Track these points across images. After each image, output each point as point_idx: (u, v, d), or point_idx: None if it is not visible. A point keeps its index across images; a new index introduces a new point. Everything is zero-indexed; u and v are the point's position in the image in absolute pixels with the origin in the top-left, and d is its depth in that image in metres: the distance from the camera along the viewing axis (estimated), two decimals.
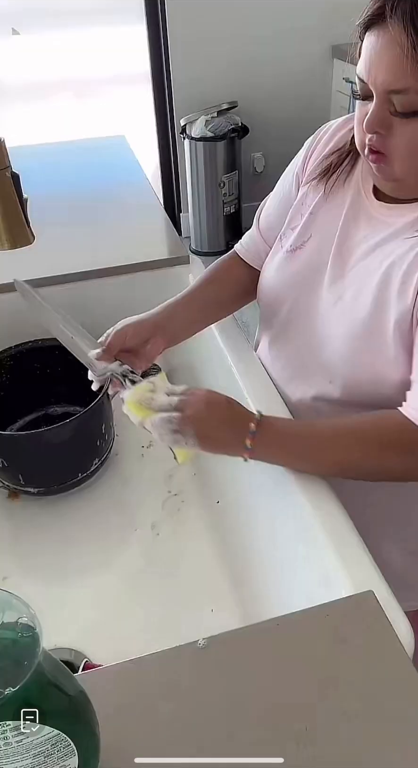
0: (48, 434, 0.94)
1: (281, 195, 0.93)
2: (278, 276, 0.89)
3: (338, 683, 0.56)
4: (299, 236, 0.86)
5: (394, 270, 0.73)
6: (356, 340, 0.77)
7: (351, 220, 0.81)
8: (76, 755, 0.45)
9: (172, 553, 0.94)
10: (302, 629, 0.60)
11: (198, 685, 0.57)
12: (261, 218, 0.97)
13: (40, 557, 0.96)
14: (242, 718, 0.54)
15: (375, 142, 0.70)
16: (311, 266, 0.84)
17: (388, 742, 0.52)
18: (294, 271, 0.86)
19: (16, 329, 1.12)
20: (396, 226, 0.75)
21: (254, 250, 0.97)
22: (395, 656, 0.57)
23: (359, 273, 0.78)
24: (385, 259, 0.75)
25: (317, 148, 0.87)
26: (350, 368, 0.79)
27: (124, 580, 0.92)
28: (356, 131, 0.74)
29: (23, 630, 0.41)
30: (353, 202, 0.81)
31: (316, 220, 0.85)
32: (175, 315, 0.91)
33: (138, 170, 1.65)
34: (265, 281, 0.92)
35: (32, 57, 3.15)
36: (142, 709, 0.55)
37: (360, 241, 0.79)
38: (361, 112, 0.71)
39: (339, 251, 0.81)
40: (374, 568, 0.65)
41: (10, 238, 0.69)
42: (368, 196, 0.80)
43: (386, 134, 0.69)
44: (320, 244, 0.83)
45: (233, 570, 0.90)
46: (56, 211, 1.38)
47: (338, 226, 0.82)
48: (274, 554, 0.83)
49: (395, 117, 0.67)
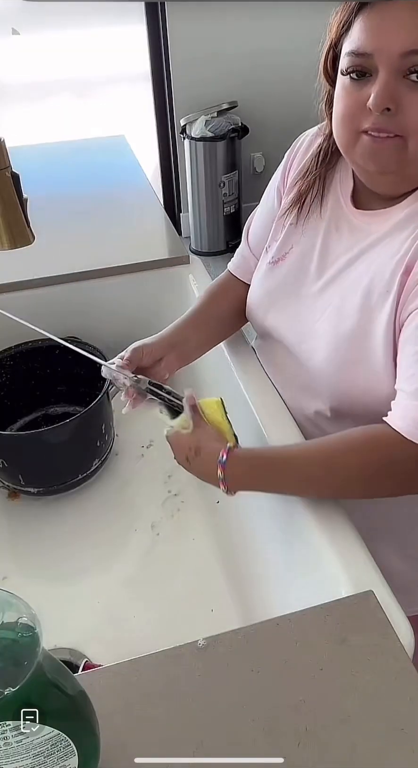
0: (48, 434, 0.94)
1: (266, 210, 0.92)
2: (262, 289, 0.88)
3: (338, 683, 0.56)
4: (280, 248, 0.85)
5: (376, 279, 0.71)
6: (342, 355, 0.75)
7: (333, 230, 0.79)
8: (76, 755, 0.45)
9: (172, 553, 0.94)
10: (302, 629, 0.60)
11: (198, 685, 0.56)
12: (249, 233, 0.96)
13: (40, 557, 0.96)
14: (241, 718, 0.54)
15: (384, 123, 0.65)
16: (292, 278, 0.83)
17: (388, 742, 0.52)
18: (276, 283, 0.85)
19: (16, 329, 1.12)
20: (377, 234, 0.73)
21: (244, 266, 0.96)
22: (395, 656, 0.57)
23: (343, 285, 0.76)
24: (367, 269, 0.73)
25: (295, 160, 0.86)
26: (337, 384, 0.77)
27: (125, 580, 0.92)
28: (344, 123, 0.70)
29: (23, 630, 0.41)
30: (333, 212, 0.80)
31: (296, 231, 0.83)
32: (185, 335, 0.91)
33: (138, 170, 1.65)
34: (250, 294, 0.91)
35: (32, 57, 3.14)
36: (142, 709, 0.55)
37: (343, 252, 0.77)
38: (353, 98, 0.67)
39: (321, 262, 0.79)
40: (374, 568, 0.65)
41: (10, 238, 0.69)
42: (347, 204, 0.78)
43: (395, 111, 0.64)
44: (302, 255, 0.82)
45: (233, 570, 0.90)
46: (56, 211, 1.38)
47: (319, 237, 0.80)
48: (274, 554, 0.83)
49: (408, 87, 0.63)
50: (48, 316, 1.18)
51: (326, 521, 0.70)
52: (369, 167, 0.70)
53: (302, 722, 0.53)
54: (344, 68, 0.68)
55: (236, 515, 0.95)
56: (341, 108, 0.70)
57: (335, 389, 0.78)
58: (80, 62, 3.20)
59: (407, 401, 0.67)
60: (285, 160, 0.88)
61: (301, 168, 0.85)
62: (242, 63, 3.07)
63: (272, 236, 0.88)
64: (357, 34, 0.66)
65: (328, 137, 0.80)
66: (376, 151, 0.68)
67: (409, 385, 0.67)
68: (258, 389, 0.91)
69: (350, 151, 0.71)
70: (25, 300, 1.19)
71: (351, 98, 0.68)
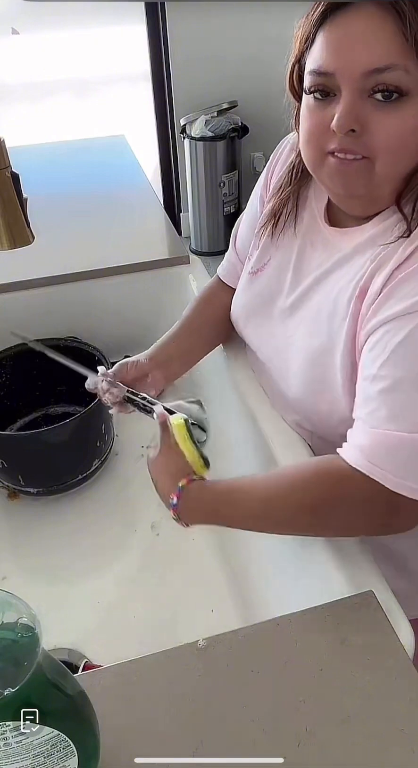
0: (48, 434, 0.94)
1: (251, 215, 0.90)
2: (242, 299, 0.87)
3: (338, 683, 0.56)
4: (259, 258, 0.83)
5: (337, 303, 0.69)
6: (309, 375, 0.73)
7: (308, 245, 0.77)
8: (76, 755, 0.45)
9: (172, 553, 0.94)
10: (302, 629, 0.60)
11: (198, 685, 0.56)
12: (237, 238, 0.95)
13: (40, 557, 0.96)
14: (241, 718, 0.54)
15: (349, 144, 0.61)
16: (267, 292, 0.81)
17: (388, 742, 0.52)
18: (254, 294, 0.84)
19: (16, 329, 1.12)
20: (345, 251, 0.71)
21: (233, 271, 0.95)
22: (395, 656, 0.57)
23: (311, 304, 0.75)
24: (331, 289, 0.71)
25: (277, 166, 0.85)
26: (305, 402, 0.75)
27: (124, 581, 0.92)
28: (309, 143, 0.66)
29: (23, 630, 0.41)
30: (308, 227, 0.78)
31: (273, 243, 0.82)
32: (169, 350, 0.91)
33: (138, 170, 1.65)
34: (234, 303, 0.90)
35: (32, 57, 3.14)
36: (142, 709, 0.55)
37: (315, 267, 0.75)
38: (316, 118, 0.64)
39: (295, 278, 0.77)
40: (374, 568, 0.65)
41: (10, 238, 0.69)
42: (322, 220, 0.76)
43: (360, 132, 0.61)
44: (277, 269, 0.80)
45: (233, 570, 0.90)
46: (56, 211, 1.38)
47: (294, 253, 0.78)
48: (274, 554, 0.83)
49: (373, 107, 0.60)
50: (48, 316, 1.18)
51: None
52: (337, 189, 0.68)
53: (302, 722, 0.53)
54: (307, 87, 0.64)
55: None
56: (305, 128, 0.66)
57: (304, 408, 0.77)
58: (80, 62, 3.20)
59: (359, 429, 0.63)
60: (268, 164, 0.86)
61: (275, 184, 0.83)
62: (241, 63, 3.07)
63: (253, 245, 0.86)
64: (318, 52, 0.62)
65: (299, 154, 0.76)
66: (342, 173, 0.64)
67: (361, 410, 0.63)
68: (255, 392, 0.91)
69: (317, 172, 0.68)
70: (25, 300, 1.19)
71: (315, 118, 0.64)
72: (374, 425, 0.61)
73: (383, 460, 0.59)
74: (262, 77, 3.12)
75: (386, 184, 0.64)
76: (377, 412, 0.61)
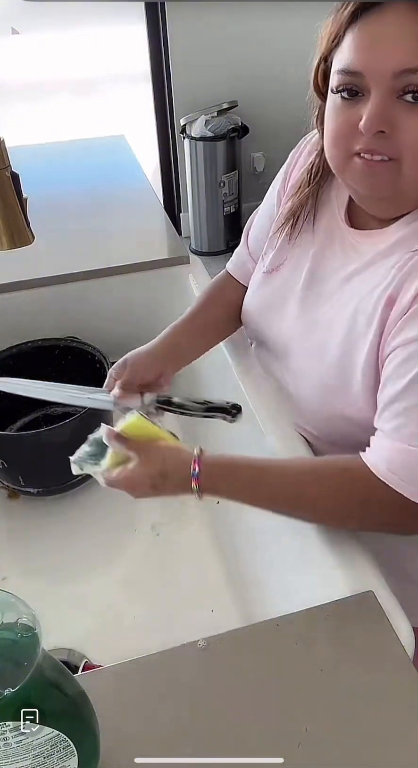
0: (48, 434, 0.94)
1: (267, 212, 0.89)
2: (255, 298, 0.86)
3: (338, 683, 0.56)
4: (275, 258, 0.82)
5: (360, 309, 0.69)
6: (325, 382, 0.73)
7: (326, 246, 0.76)
8: (76, 755, 0.45)
9: (172, 553, 0.94)
10: (302, 629, 0.60)
11: (198, 685, 0.57)
12: (250, 235, 0.94)
13: (40, 557, 0.96)
14: (242, 718, 0.54)
15: (377, 145, 0.61)
16: (283, 292, 0.80)
17: (388, 742, 0.52)
18: (268, 294, 0.83)
19: (16, 329, 1.12)
20: (368, 256, 0.70)
21: (243, 267, 0.95)
22: (395, 656, 0.57)
23: (330, 309, 0.73)
24: (353, 295, 0.70)
25: (298, 164, 0.84)
26: (319, 409, 0.75)
27: (124, 581, 0.92)
28: (336, 143, 0.66)
29: (23, 630, 0.41)
30: (327, 229, 0.77)
31: (291, 243, 0.81)
32: (180, 344, 0.90)
33: (138, 170, 1.65)
34: (246, 301, 0.89)
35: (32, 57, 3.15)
36: (142, 709, 0.55)
37: (334, 271, 0.74)
38: (344, 118, 0.63)
39: (310, 279, 0.77)
40: (375, 568, 0.65)
41: (10, 238, 0.69)
42: (343, 222, 0.75)
43: (390, 133, 0.60)
44: (293, 269, 0.80)
45: (233, 570, 0.90)
46: (56, 211, 1.38)
47: (311, 254, 0.77)
48: (274, 554, 0.83)
49: (403, 108, 0.59)
50: (48, 316, 1.18)
51: None
52: (363, 191, 0.67)
53: (302, 722, 0.53)
54: (334, 86, 0.63)
55: (236, 515, 0.95)
56: (332, 128, 0.66)
57: (317, 414, 0.76)
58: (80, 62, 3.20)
59: (384, 441, 0.65)
60: (288, 162, 0.86)
61: (294, 182, 0.82)
62: (242, 63, 3.07)
63: (268, 244, 0.85)
64: (347, 51, 0.61)
65: (320, 153, 0.76)
66: (369, 174, 0.64)
67: (386, 424, 0.65)
68: (258, 390, 0.91)
69: (342, 173, 0.68)
70: (25, 300, 1.19)
71: (342, 118, 0.63)
72: (401, 440, 0.63)
73: (409, 474, 0.62)
74: (262, 77, 3.13)
75: (413, 186, 0.64)
76: (404, 429, 0.63)
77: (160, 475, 0.68)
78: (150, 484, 0.68)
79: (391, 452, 0.63)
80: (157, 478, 0.68)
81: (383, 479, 0.63)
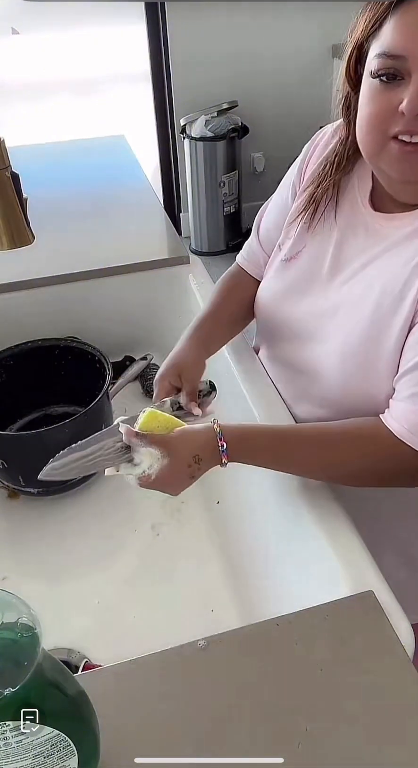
0: (48, 434, 0.94)
1: (280, 204, 0.91)
2: (274, 287, 0.87)
3: (338, 683, 0.56)
4: (295, 245, 0.84)
5: (389, 285, 0.71)
6: (351, 359, 0.75)
7: (349, 233, 0.78)
8: (76, 755, 0.45)
9: (172, 553, 0.94)
10: (302, 629, 0.60)
11: (198, 685, 0.57)
12: (261, 227, 0.95)
13: (40, 557, 0.96)
14: (242, 718, 0.54)
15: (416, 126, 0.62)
16: (304, 278, 0.82)
17: (388, 742, 0.52)
18: (288, 281, 0.84)
19: (16, 329, 1.12)
20: (393, 238, 0.72)
21: (254, 260, 0.95)
22: (395, 656, 0.57)
23: (357, 288, 0.75)
24: (379, 274, 0.72)
25: (314, 155, 0.85)
26: (341, 388, 0.77)
27: (124, 581, 0.92)
28: (373, 126, 0.67)
29: (23, 630, 0.41)
30: (349, 215, 0.78)
31: (310, 229, 0.82)
32: (211, 340, 0.91)
33: (138, 170, 1.65)
34: (262, 292, 0.90)
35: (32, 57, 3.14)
36: (142, 709, 0.55)
37: (358, 254, 0.76)
38: (383, 101, 0.64)
39: (336, 262, 0.78)
40: (374, 568, 0.65)
41: (10, 238, 0.69)
42: (365, 206, 0.77)
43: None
44: (314, 256, 0.81)
45: (233, 570, 0.90)
46: (56, 210, 1.38)
47: (333, 240, 0.79)
48: (274, 554, 0.83)
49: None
50: (48, 316, 1.18)
51: (326, 521, 0.70)
52: (396, 175, 0.68)
53: (302, 722, 0.53)
54: (374, 70, 0.65)
55: (236, 515, 0.95)
56: (369, 111, 0.67)
57: (337, 394, 0.78)
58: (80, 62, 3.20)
59: (404, 404, 0.69)
60: (303, 154, 0.86)
61: (314, 171, 0.83)
62: (242, 63, 3.07)
63: (285, 234, 0.87)
64: (389, 35, 0.63)
65: (344, 142, 0.78)
66: (404, 157, 0.65)
67: (405, 390, 0.69)
68: (259, 390, 0.91)
69: (375, 157, 0.69)
70: (25, 300, 1.19)
71: (381, 101, 0.65)
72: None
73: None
74: (262, 77, 3.13)
75: None
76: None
77: (196, 461, 0.69)
78: (188, 474, 0.69)
79: (408, 414, 0.68)
80: (194, 466, 0.69)
81: (401, 438, 0.68)
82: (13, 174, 0.66)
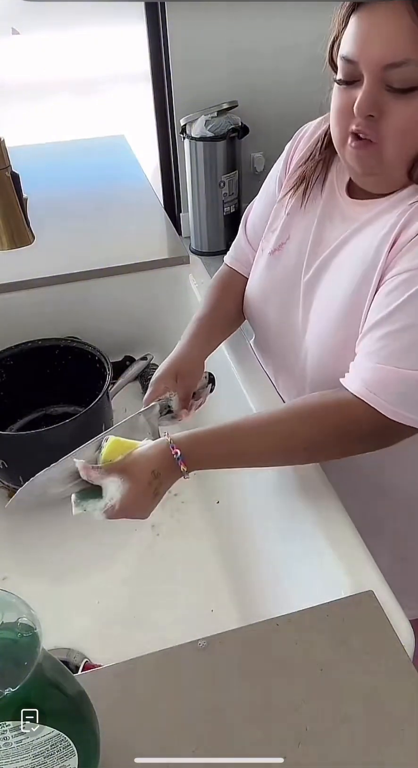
0: (48, 434, 0.94)
1: (265, 200, 0.92)
2: (262, 280, 0.88)
3: (338, 683, 0.56)
4: (279, 238, 0.86)
5: (362, 258, 0.72)
6: (330, 340, 0.76)
7: (326, 219, 0.80)
8: (76, 755, 0.45)
9: (172, 553, 0.94)
10: (302, 629, 0.60)
11: (198, 685, 0.57)
12: (248, 224, 0.96)
13: (40, 557, 0.96)
14: (242, 718, 0.54)
15: (365, 128, 0.67)
16: (289, 268, 0.83)
17: (388, 742, 0.52)
18: (275, 273, 0.86)
19: (16, 329, 1.12)
20: (362, 219, 0.75)
21: (243, 258, 0.96)
22: (395, 656, 0.57)
23: (332, 271, 0.77)
24: (353, 251, 0.74)
25: (297, 149, 0.87)
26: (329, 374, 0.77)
27: (124, 581, 0.92)
28: (337, 121, 0.71)
29: (23, 630, 0.41)
30: (327, 202, 0.81)
31: (293, 221, 0.84)
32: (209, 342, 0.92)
33: (138, 170, 1.65)
34: (250, 287, 0.91)
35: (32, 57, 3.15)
36: (142, 709, 0.55)
37: (334, 239, 0.78)
38: (344, 99, 0.69)
39: (314, 251, 0.80)
40: (374, 568, 0.65)
41: (10, 238, 0.69)
42: (342, 194, 0.79)
43: (378, 117, 0.66)
44: (298, 245, 0.83)
45: (233, 570, 0.90)
46: (56, 211, 1.38)
47: (313, 227, 0.81)
48: (274, 554, 0.83)
49: (390, 96, 0.64)
50: (48, 316, 1.18)
51: (326, 521, 0.70)
52: (356, 168, 0.72)
53: (302, 722, 0.53)
54: (338, 72, 0.69)
55: (236, 515, 0.95)
56: (334, 107, 0.72)
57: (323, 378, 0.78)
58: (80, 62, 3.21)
59: (361, 363, 0.69)
60: (287, 151, 0.89)
61: (304, 153, 0.85)
62: (242, 63, 3.07)
63: (269, 227, 0.88)
64: (347, 39, 0.67)
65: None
66: (356, 152, 0.70)
67: (365, 348, 0.69)
68: (257, 389, 0.91)
69: (341, 149, 0.73)
70: (25, 300, 1.19)
71: (342, 99, 0.69)
72: (378, 361, 0.67)
73: (383, 390, 0.67)
74: (262, 77, 3.13)
75: (398, 166, 0.69)
76: (382, 351, 0.67)
77: (155, 476, 0.68)
78: (152, 493, 0.68)
79: (367, 372, 0.68)
80: (154, 482, 0.68)
81: (360, 396, 0.67)
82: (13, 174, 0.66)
